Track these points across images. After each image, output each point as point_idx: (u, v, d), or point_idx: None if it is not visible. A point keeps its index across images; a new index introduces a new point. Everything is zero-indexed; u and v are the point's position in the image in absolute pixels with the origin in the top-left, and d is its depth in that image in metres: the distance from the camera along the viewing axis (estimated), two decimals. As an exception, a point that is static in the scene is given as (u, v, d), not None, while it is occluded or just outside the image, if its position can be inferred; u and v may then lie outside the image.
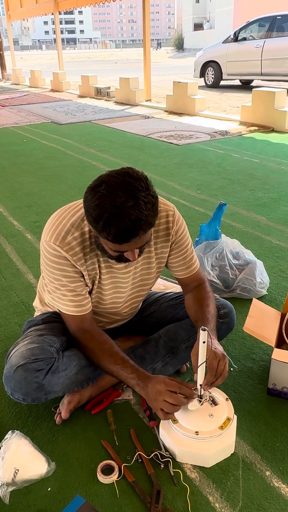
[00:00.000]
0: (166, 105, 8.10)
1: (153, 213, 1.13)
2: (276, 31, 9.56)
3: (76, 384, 1.39)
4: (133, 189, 1.09)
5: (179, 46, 48.61)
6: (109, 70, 19.99)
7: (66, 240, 1.27)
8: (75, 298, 1.34)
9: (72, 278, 1.31)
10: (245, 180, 3.95)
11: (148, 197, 1.10)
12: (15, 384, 1.29)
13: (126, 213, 1.07)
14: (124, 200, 1.07)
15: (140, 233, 1.12)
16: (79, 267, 1.31)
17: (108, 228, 1.09)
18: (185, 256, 1.47)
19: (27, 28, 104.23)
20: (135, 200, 1.08)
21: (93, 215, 1.11)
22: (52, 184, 3.98)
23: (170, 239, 1.42)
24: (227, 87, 11.17)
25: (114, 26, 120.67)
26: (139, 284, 1.47)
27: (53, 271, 1.31)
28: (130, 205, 1.07)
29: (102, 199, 1.09)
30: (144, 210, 1.08)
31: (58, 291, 1.34)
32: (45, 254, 1.31)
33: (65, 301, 1.34)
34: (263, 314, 1.67)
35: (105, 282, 1.38)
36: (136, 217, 1.08)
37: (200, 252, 2.13)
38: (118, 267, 1.37)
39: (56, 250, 1.28)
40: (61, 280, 1.32)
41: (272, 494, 1.19)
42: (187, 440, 1.25)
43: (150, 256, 1.43)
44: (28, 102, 9.92)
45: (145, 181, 1.12)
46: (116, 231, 1.09)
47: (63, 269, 1.30)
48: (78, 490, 1.20)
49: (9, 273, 2.42)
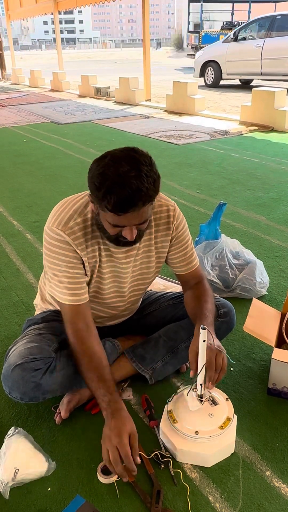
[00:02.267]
0: (166, 105, 8.10)
1: (154, 187, 1.15)
2: (276, 30, 9.56)
3: (75, 383, 1.39)
4: (137, 162, 1.12)
5: (178, 46, 48.58)
6: (109, 70, 19.98)
7: (69, 225, 1.28)
8: (71, 286, 1.31)
9: (71, 263, 1.30)
10: (245, 180, 3.95)
11: (151, 172, 1.13)
12: (12, 383, 1.30)
13: (128, 182, 1.10)
14: (127, 170, 1.10)
15: (139, 204, 1.13)
16: (80, 252, 1.30)
17: (109, 195, 1.11)
18: (185, 252, 1.48)
19: (26, 28, 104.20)
20: (137, 172, 1.11)
21: (95, 183, 1.13)
22: (52, 184, 3.98)
23: (170, 233, 1.43)
24: (227, 87, 11.17)
25: (113, 25, 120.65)
26: (138, 277, 1.47)
27: (53, 255, 1.30)
28: (132, 175, 1.10)
29: (106, 168, 1.12)
30: (145, 182, 1.11)
31: (56, 277, 1.32)
32: (46, 239, 1.31)
33: (62, 288, 1.32)
34: (263, 314, 1.67)
35: (104, 271, 1.38)
36: (137, 187, 1.10)
37: (200, 252, 2.12)
38: (118, 256, 1.37)
39: (59, 234, 1.28)
40: (60, 265, 1.30)
41: (272, 494, 1.19)
42: (187, 440, 1.25)
43: (150, 249, 1.43)
44: (28, 102, 9.91)
45: (149, 159, 1.16)
46: (116, 199, 1.11)
47: (64, 254, 1.29)
48: (78, 490, 1.20)
49: (9, 273, 2.42)
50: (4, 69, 16.43)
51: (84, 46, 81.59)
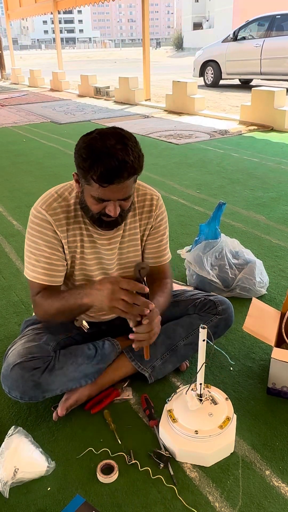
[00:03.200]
0: (165, 105, 8.10)
1: (139, 162, 1.19)
2: (275, 30, 9.56)
3: (74, 382, 1.39)
4: (123, 137, 1.18)
5: (178, 46, 48.58)
6: (109, 69, 19.98)
7: (52, 206, 1.32)
8: (47, 266, 1.33)
9: (50, 243, 1.32)
10: (245, 180, 3.95)
11: (136, 148, 1.18)
12: (12, 383, 1.30)
13: (115, 153, 1.14)
14: (114, 143, 1.15)
15: (124, 175, 1.16)
16: (60, 234, 1.33)
17: (96, 165, 1.14)
18: (159, 245, 1.50)
19: (26, 27, 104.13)
20: (124, 146, 1.15)
21: (82, 155, 1.17)
22: (51, 183, 3.93)
23: (151, 221, 1.46)
24: (226, 87, 11.16)
25: (113, 25, 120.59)
26: (128, 265, 1.47)
27: (34, 233, 1.33)
28: (119, 147, 1.14)
29: (93, 141, 1.17)
30: (131, 155, 1.16)
31: (33, 256, 1.33)
32: (30, 218, 1.34)
33: (37, 267, 1.33)
34: (263, 313, 1.67)
35: (88, 257, 1.39)
36: (123, 158, 1.14)
37: (199, 252, 2.12)
38: (101, 243, 1.39)
39: (41, 213, 1.31)
40: (38, 244, 1.32)
41: (272, 493, 1.19)
42: (187, 439, 1.26)
43: (135, 232, 1.45)
44: (28, 101, 9.91)
45: (134, 138, 1.21)
46: (102, 169, 1.14)
47: (44, 233, 1.32)
48: (78, 490, 1.20)
49: (9, 273, 2.42)
50: (3, 68, 16.43)
51: (84, 46, 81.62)
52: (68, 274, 1.42)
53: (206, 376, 1.37)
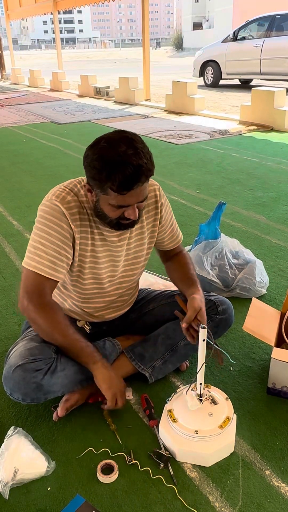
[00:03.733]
0: (165, 105, 8.10)
1: (151, 163, 1.19)
2: (275, 30, 9.56)
3: (75, 383, 1.39)
4: (132, 141, 1.17)
5: (178, 46, 48.57)
6: (109, 69, 19.98)
7: (66, 199, 1.30)
8: (54, 260, 1.29)
9: (63, 236, 1.29)
10: (245, 180, 3.95)
11: (145, 148, 1.19)
12: (14, 384, 1.30)
13: (129, 159, 1.14)
14: (125, 149, 1.14)
15: (142, 179, 1.17)
16: (74, 228, 1.30)
17: (114, 175, 1.14)
18: (172, 228, 1.55)
19: (26, 27, 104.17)
20: (135, 150, 1.15)
21: (96, 167, 1.16)
22: (51, 183, 3.93)
23: (159, 212, 1.47)
24: (226, 87, 11.16)
25: (113, 25, 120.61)
26: (132, 261, 1.48)
27: (47, 224, 1.28)
28: (131, 153, 1.14)
29: (104, 151, 1.16)
30: (143, 157, 1.16)
31: (42, 247, 1.28)
32: (43, 209, 1.30)
33: (44, 259, 1.28)
34: (263, 313, 1.67)
35: (100, 255, 1.39)
36: (138, 163, 1.14)
37: (199, 252, 2.12)
38: (112, 240, 1.39)
39: (57, 205, 1.28)
40: (51, 235, 1.28)
41: (272, 493, 1.19)
42: (187, 439, 1.26)
43: (142, 231, 1.46)
44: (27, 101, 9.91)
45: (140, 138, 1.20)
46: (121, 178, 1.14)
47: (58, 224, 1.28)
48: (78, 490, 1.20)
49: (9, 273, 2.42)
50: (3, 69, 16.43)
51: (84, 46, 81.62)
52: (77, 273, 1.40)
53: (206, 376, 1.37)
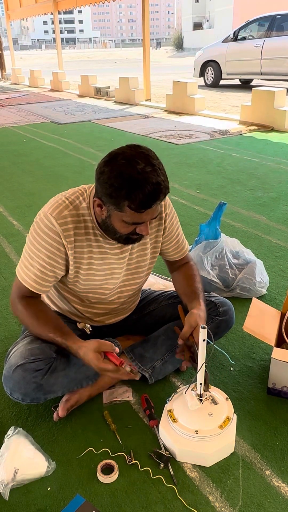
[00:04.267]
0: (165, 105, 8.10)
1: (167, 179, 1.19)
2: (275, 30, 9.55)
3: (75, 383, 1.39)
4: (148, 157, 1.16)
5: (178, 46, 48.57)
6: (109, 69, 19.98)
7: (62, 214, 1.28)
8: (40, 274, 1.30)
9: (51, 253, 1.29)
10: (245, 180, 3.95)
11: (161, 165, 1.18)
12: (14, 384, 1.30)
13: (148, 177, 1.13)
14: (143, 166, 1.13)
15: (161, 197, 1.17)
16: (67, 245, 1.29)
17: (134, 193, 1.13)
18: (177, 239, 1.53)
19: (26, 27, 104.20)
20: (152, 167, 1.14)
21: (114, 184, 1.14)
22: (51, 183, 3.98)
23: (163, 223, 1.45)
24: (226, 87, 11.16)
25: (113, 25, 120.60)
26: (134, 271, 1.47)
27: (37, 239, 1.29)
28: (149, 170, 1.13)
29: (124, 168, 1.13)
30: (161, 175, 1.15)
31: (30, 259, 1.30)
32: (37, 222, 1.30)
33: (29, 272, 1.31)
34: (263, 313, 1.67)
35: (97, 268, 1.37)
36: (157, 181, 1.14)
37: (199, 252, 2.12)
38: (114, 252, 1.37)
39: (51, 222, 1.27)
40: (39, 251, 1.29)
41: (272, 494, 1.19)
42: (187, 439, 1.26)
43: (145, 242, 1.45)
44: (28, 101, 9.91)
45: (154, 153, 1.20)
46: (141, 196, 1.13)
47: (48, 242, 1.28)
48: (78, 490, 1.20)
49: (9, 273, 2.42)
50: (4, 69, 16.43)
51: (84, 46, 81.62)
52: (74, 282, 1.39)
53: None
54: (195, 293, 1.46)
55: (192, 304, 1.43)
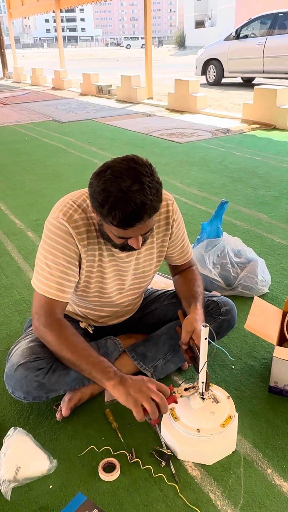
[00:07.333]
0: (167, 103, 8.08)
1: (158, 198, 1.14)
2: (278, 28, 9.53)
3: (77, 382, 1.39)
4: (138, 174, 1.10)
5: (180, 44, 48.45)
6: (111, 68, 19.96)
7: (74, 218, 1.26)
8: (61, 281, 1.27)
9: (69, 257, 1.27)
10: (247, 178, 3.94)
11: (153, 182, 1.12)
12: (15, 383, 1.30)
13: (132, 197, 1.08)
14: (130, 184, 1.08)
15: (144, 218, 1.12)
16: (81, 248, 1.28)
17: (114, 212, 1.09)
18: (182, 244, 1.53)
19: (28, 26, 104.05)
20: (140, 185, 1.08)
21: (98, 199, 1.11)
22: (53, 182, 3.98)
23: (170, 228, 1.45)
24: (228, 85, 11.14)
25: (115, 23, 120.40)
26: (141, 274, 1.47)
27: (52, 245, 1.26)
28: (135, 189, 1.08)
29: (108, 184, 1.09)
30: (149, 194, 1.09)
31: (48, 269, 1.27)
32: (49, 228, 1.27)
33: (50, 281, 1.27)
34: (265, 312, 1.67)
35: (107, 270, 1.37)
36: (141, 201, 1.08)
37: (201, 250, 2.12)
38: (120, 256, 1.37)
39: (63, 225, 1.25)
40: (57, 257, 1.26)
41: (274, 492, 1.19)
42: (189, 437, 1.26)
43: (152, 247, 1.45)
44: (30, 100, 9.91)
45: (149, 167, 1.13)
46: (121, 215, 1.09)
47: (65, 245, 1.26)
48: (80, 488, 1.21)
49: (11, 271, 2.42)
50: (5, 67, 16.42)
51: (86, 44, 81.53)
52: (82, 287, 1.38)
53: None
54: (193, 297, 1.46)
55: (189, 309, 1.44)
